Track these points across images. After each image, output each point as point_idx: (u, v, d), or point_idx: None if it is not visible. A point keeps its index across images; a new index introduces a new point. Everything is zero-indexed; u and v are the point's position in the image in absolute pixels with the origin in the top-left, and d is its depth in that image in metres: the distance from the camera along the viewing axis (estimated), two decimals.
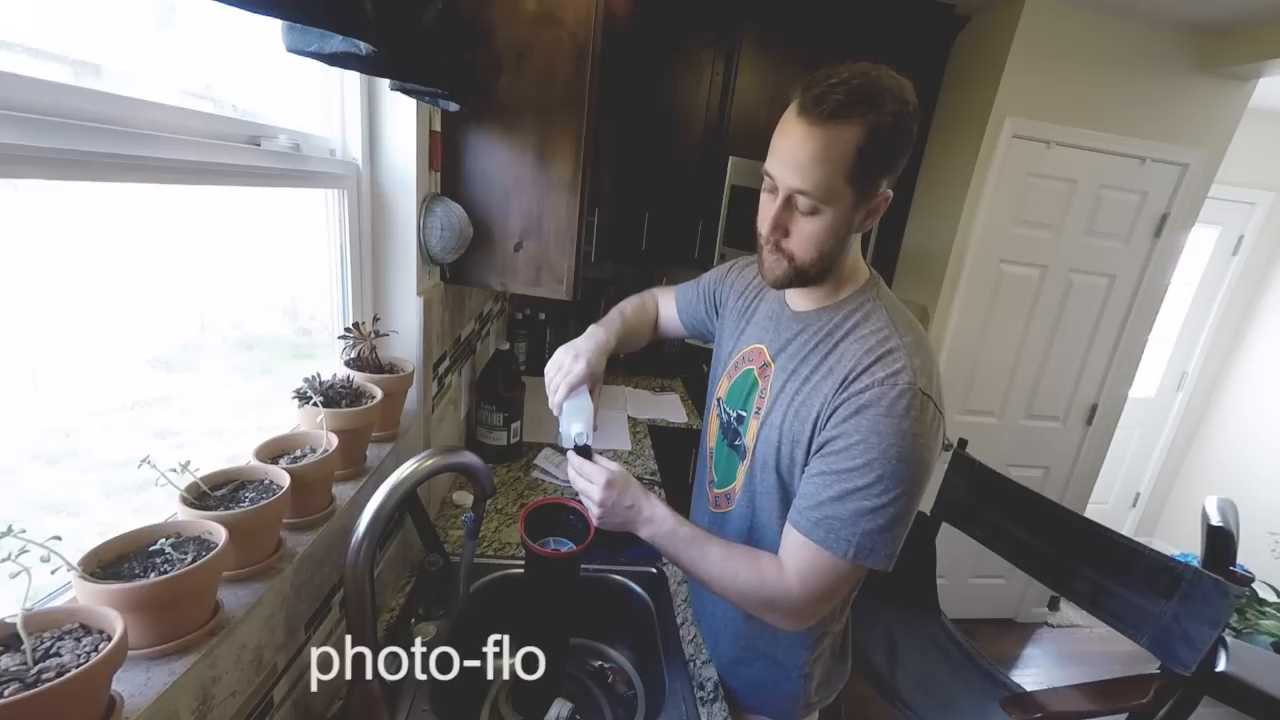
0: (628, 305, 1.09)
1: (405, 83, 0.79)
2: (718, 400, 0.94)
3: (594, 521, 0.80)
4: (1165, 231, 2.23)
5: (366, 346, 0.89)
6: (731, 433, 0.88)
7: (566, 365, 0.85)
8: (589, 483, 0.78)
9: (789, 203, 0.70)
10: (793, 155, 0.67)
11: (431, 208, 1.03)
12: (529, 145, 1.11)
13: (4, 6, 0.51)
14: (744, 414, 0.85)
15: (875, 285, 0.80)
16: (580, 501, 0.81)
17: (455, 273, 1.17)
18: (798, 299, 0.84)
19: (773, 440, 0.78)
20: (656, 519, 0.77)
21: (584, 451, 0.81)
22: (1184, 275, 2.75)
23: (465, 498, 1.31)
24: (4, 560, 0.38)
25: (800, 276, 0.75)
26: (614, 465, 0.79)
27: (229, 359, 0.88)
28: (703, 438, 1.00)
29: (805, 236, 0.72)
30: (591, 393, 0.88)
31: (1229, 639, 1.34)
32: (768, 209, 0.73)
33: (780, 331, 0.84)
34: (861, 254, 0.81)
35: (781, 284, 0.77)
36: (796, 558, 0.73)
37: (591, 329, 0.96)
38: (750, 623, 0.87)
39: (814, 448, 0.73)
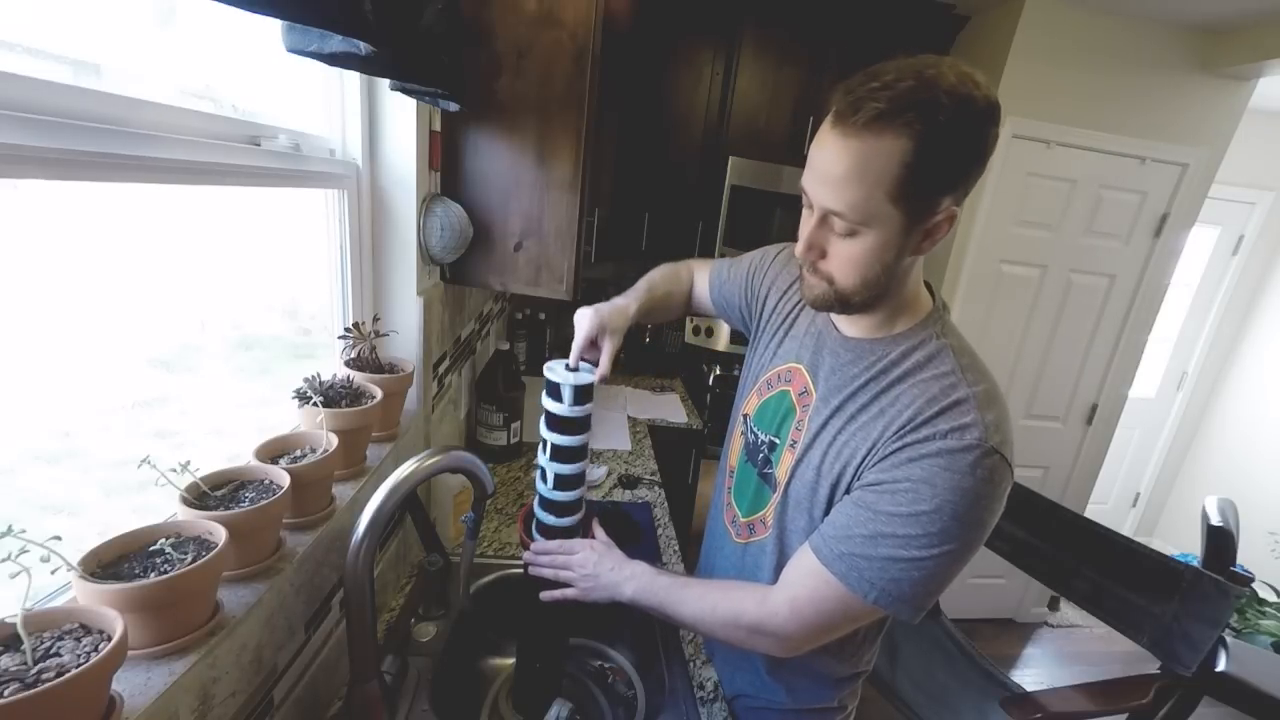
0: (657, 273, 1.01)
1: (405, 83, 0.79)
2: (744, 417, 0.85)
3: (579, 596, 0.78)
4: (1165, 231, 2.23)
5: (366, 346, 0.89)
6: (762, 459, 0.80)
7: (580, 317, 0.82)
8: (567, 555, 0.79)
9: (824, 222, 0.62)
10: (825, 170, 0.59)
11: (431, 208, 1.03)
12: (529, 145, 1.11)
13: (4, 6, 0.51)
14: (777, 442, 0.78)
15: (940, 319, 0.70)
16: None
17: (455, 273, 1.17)
18: (846, 322, 0.74)
19: (808, 479, 0.71)
20: (638, 573, 0.77)
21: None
22: (1184, 275, 2.75)
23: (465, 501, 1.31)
24: (4, 560, 0.38)
25: (842, 303, 0.66)
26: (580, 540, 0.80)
27: (229, 359, 0.88)
28: (723, 456, 0.92)
29: (844, 260, 0.63)
30: (598, 341, 0.83)
31: (1229, 639, 1.33)
32: (805, 227, 0.64)
33: (823, 355, 0.75)
34: (924, 279, 0.71)
35: (821, 307, 0.69)
36: (801, 583, 0.67)
37: (614, 298, 0.92)
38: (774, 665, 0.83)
39: (854, 489, 0.67)
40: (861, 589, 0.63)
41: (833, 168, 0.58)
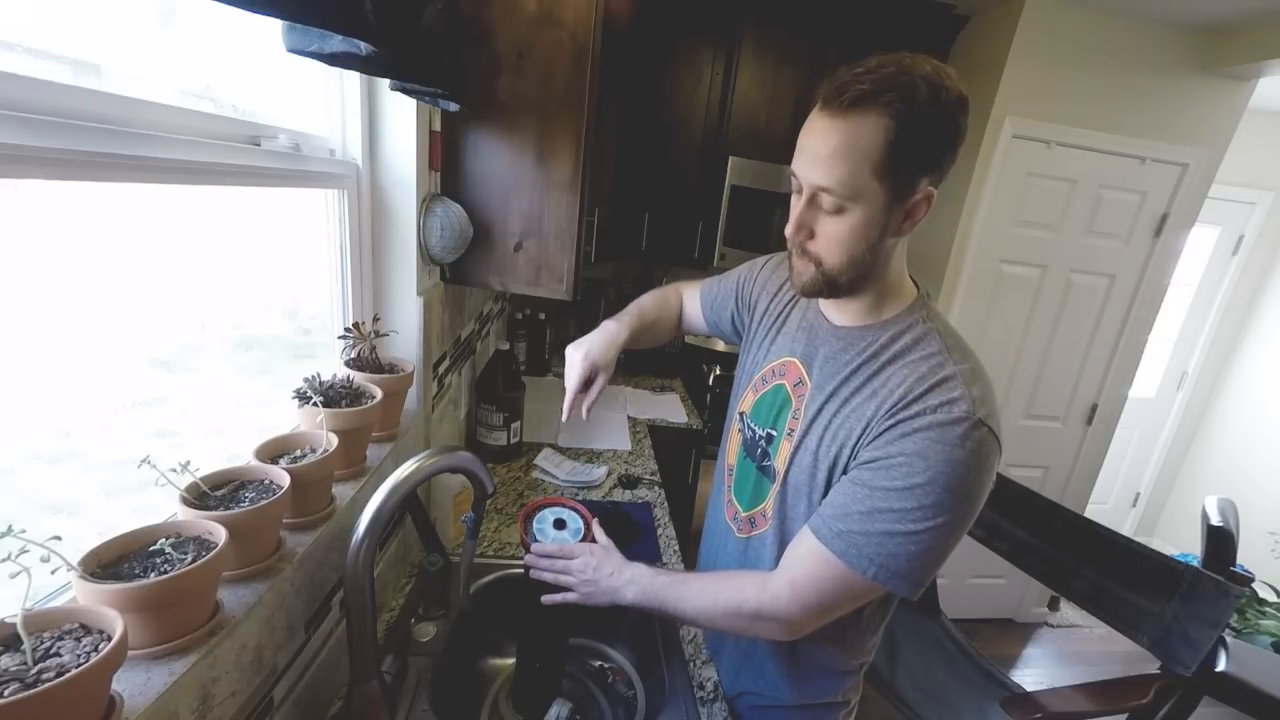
0: (647, 299, 1.06)
1: (405, 83, 0.79)
2: (740, 414, 0.87)
3: (580, 600, 0.79)
4: (1165, 231, 2.23)
5: (366, 346, 0.89)
6: (760, 452, 0.82)
7: (572, 361, 0.86)
8: (567, 560, 0.79)
9: (813, 201, 0.65)
10: (814, 150, 0.63)
11: (431, 208, 1.03)
12: (529, 145, 1.11)
13: (4, 6, 0.51)
14: (774, 433, 0.79)
15: (925, 305, 0.73)
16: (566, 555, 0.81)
17: (455, 273, 1.17)
18: (836, 312, 0.77)
19: (806, 465, 0.73)
20: (638, 576, 0.77)
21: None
22: (1184, 275, 2.75)
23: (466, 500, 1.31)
24: (4, 560, 0.38)
25: (830, 285, 0.69)
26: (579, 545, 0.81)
27: (229, 359, 0.88)
28: (720, 456, 0.93)
29: (831, 238, 0.66)
30: (592, 383, 0.90)
31: (1229, 639, 1.33)
32: (794, 211, 0.68)
33: (816, 345, 0.77)
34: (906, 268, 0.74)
35: (810, 291, 0.71)
36: (800, 564, 0.69)
37: (604, 323, 0.96)
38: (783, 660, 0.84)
39: (850, 469, 0.69)
40: (861, 565, 0.65)
41: (821, 146, 0.62)
